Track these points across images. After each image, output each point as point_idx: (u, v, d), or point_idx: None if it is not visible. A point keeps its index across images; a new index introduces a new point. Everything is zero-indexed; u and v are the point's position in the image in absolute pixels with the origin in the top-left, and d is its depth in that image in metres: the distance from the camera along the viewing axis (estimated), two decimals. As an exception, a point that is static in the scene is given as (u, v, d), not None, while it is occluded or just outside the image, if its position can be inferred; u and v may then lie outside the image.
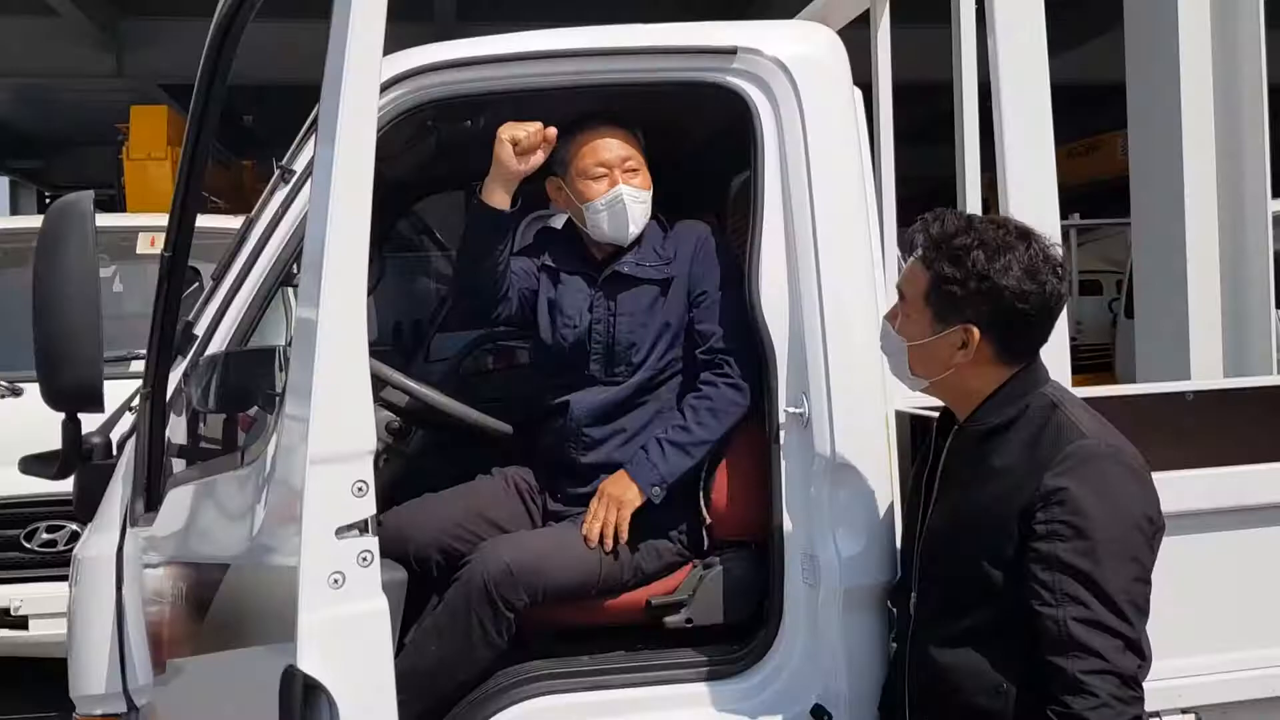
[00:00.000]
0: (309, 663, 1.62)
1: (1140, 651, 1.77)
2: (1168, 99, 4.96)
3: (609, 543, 2.36)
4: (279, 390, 1.84)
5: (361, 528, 1.63)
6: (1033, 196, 2.43)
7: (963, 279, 1.87)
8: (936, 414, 2.59)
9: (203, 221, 2.44)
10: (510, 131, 2.33)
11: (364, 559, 1.63)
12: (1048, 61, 2.46)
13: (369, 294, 3.85)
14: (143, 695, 2.28)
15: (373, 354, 1.80)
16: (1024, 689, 1.84)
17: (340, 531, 1.62)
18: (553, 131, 2.35)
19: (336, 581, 1.62)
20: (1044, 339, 1.96)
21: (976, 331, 1.89)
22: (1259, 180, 4.61)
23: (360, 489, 1.63)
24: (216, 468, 2.10)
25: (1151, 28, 5.18)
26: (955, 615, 1.90)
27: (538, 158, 2.37)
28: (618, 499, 2.38)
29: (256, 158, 12.59)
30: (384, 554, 2.36)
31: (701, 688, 2.24)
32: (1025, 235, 1.91)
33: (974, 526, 1.87)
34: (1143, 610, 1.79)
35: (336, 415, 1.64)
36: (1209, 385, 3.42)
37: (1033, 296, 1.87)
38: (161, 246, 2.25)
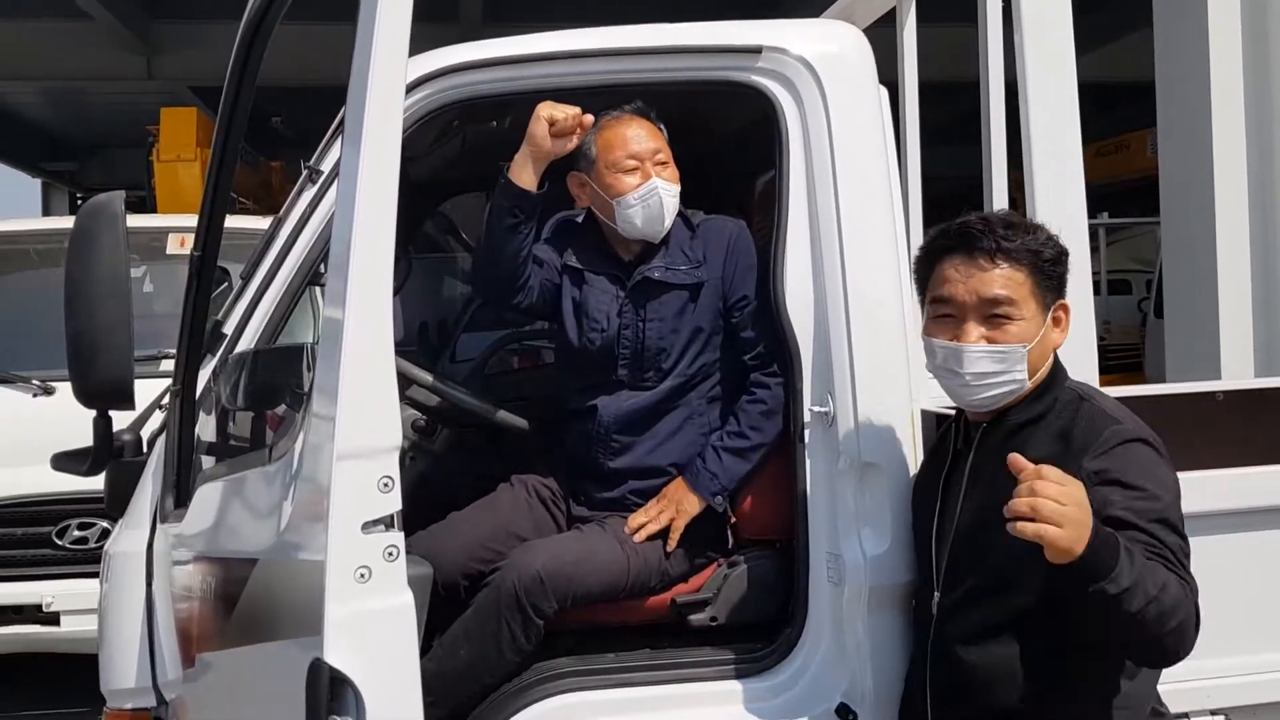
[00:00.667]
0: (336, 656, 1.63)
1: (1198, 608, 1.73)
2: (1197, 97, 4.92)
3: (641, 536, 2.36)
4: (306, 388, 1.86)
5: (388, 523, 1.64)
6: (1060, 196, 2.41)
7: (1058, 256, 1.95)
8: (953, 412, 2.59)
9: (231, 222, 2.47)
10: (549, 110, 2.28)
11: (390, 553, 1.65)
12: (1075, 60, 2.44)
13: (395, 294, 3.89)
14: (172, 690, 2.31)
15: (399, 354, 1.81)
16: (1057, 683, 1.82)
17: (366, 526, 1.63)
18: (589, 119, 2.32)
19: (363, 576, 1.63)
20: None
21: (1068, 305, 1.97)
22: (1291, 178, 4.56)
23: (386, 484, 1.64)
24: (245, 464, 2.12)
25: (1181, 25, 5.13)
26: (985, 612, 1.89)
27: (571, 142, 2.34)
28: (678, 504, 2.39)
29: (285, 159, 12.70)
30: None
31: (726, 686, 2.24)
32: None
33: (1004, 523, 1.83)
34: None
35: (362, 412, 1.65)
36: (1240, 385, 3.38)
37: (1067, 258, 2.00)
38: (191, 247, 2.27)
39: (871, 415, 2.21)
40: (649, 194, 2.42)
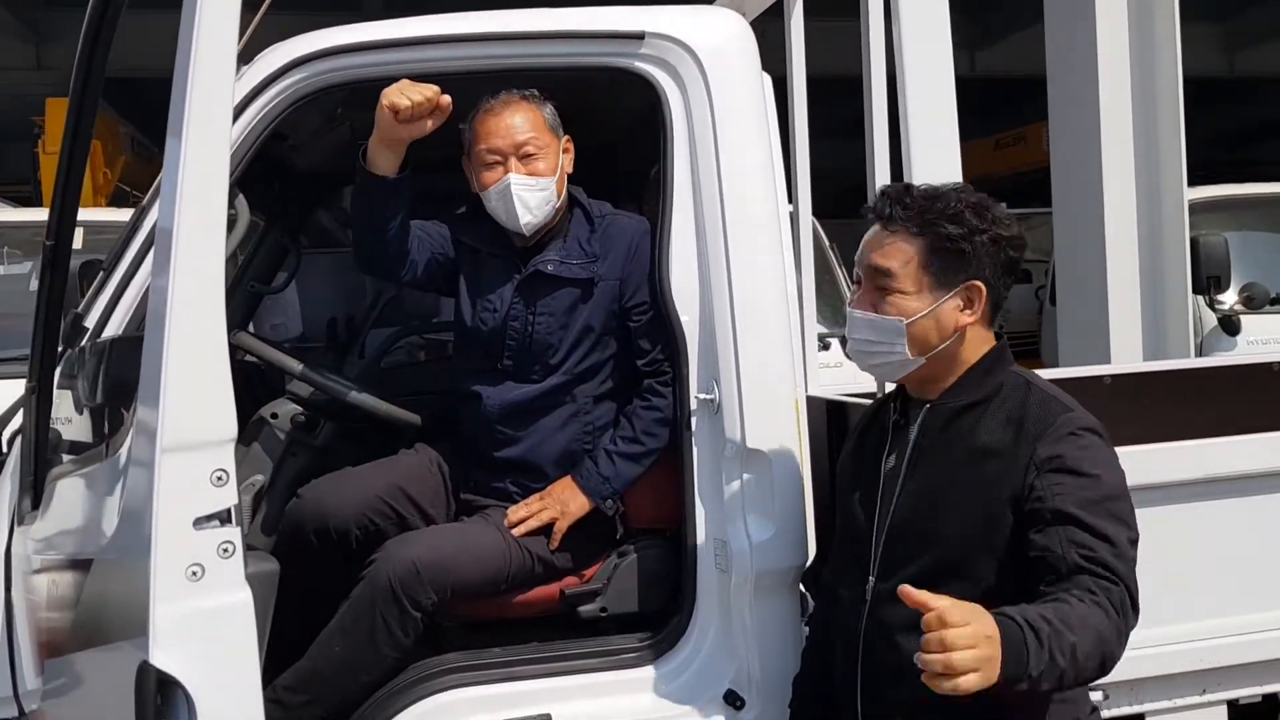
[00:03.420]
0: (163, 657, 1.57)
1: (1138, 608, 1.69)
2: (1086, 90, 5.04)
3: (520, 532, 2.33)
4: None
5: (223, 518, 1.59)
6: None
7: (968, 234, 1.86)
8: (853, 399, 2.60)
9: (123, 216, 2.37)
10: (391, 98, 2.17)
11: (225, 550, 1.59)
12: (952, 56, 2.46)
13: (285, 286, 3.78)
14: (32, 700, 2.21)
15: (303, 352, 1.76)
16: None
17: (199, 522, 1.57)
18: (446, 100, 2.21)
19: (195, 574, 1.57)
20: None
21: (983, 286, 1.88)
22: (1175, 169, 4.70)
23: (220, 478, 1.58)
24: (88, 461, 2.04)
25: (1070, 22, 5.26)
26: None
27: (424, 125, 2.23)
28: (563, 504, 2.36)
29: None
30: (302, 527, 2.34)
31: (614, 676, 2.23)
32: (985, 196, 1.95)
33: (955, 505, 1.81)
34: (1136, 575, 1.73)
35: (190, 403, 1.59)
36: (1126, 369, 3.47)
37: (1018, 242, 1.92)
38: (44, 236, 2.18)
39: (756, 402, 2.21)
40: (503, 191, 2.38)
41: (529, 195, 2.38)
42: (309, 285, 5.98)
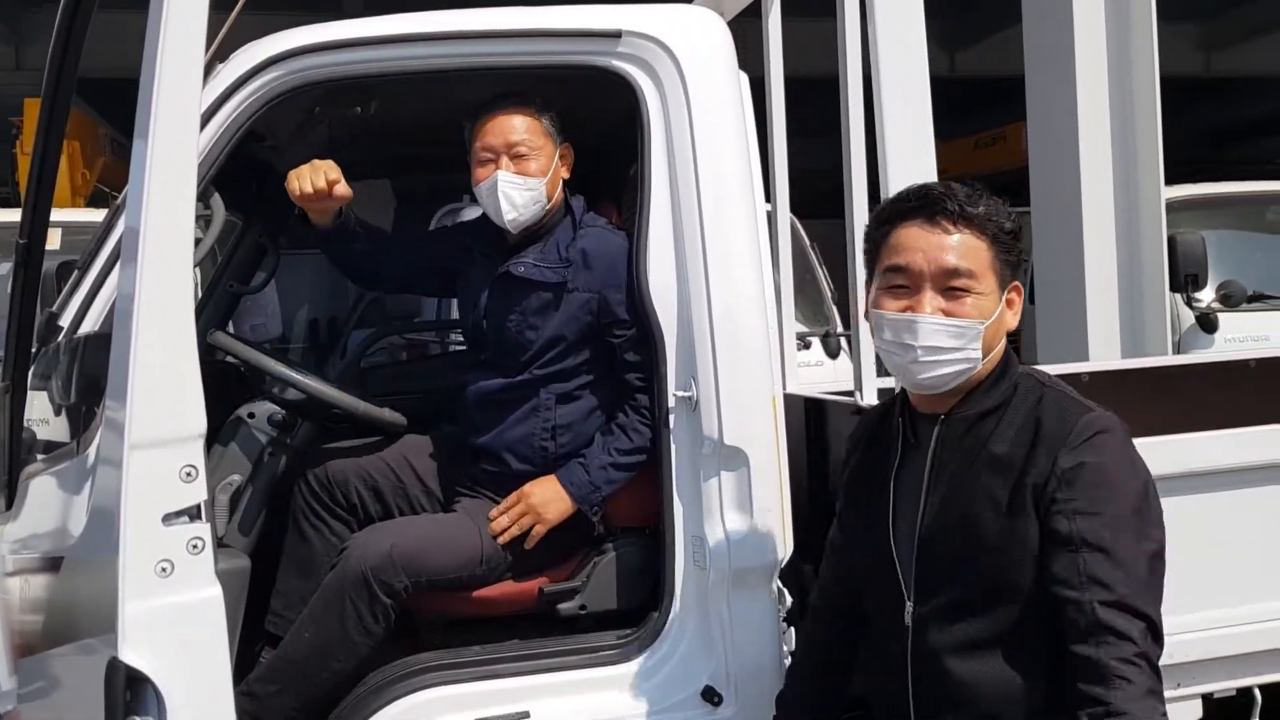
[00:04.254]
0: (132, 654, 1.57)
1: (1161, 635, 1.64)
2: (1064, 90, 5.07)
3: (504, 540, 2.35)
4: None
5: (193, 514, 1.58)
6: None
7: (1017, 231, 1.77)
8: (831, 397, 2.61)
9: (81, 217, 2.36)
10: (291, 184, 2.36)
11: (194, 546, 1.59)
12: (927, 55, 2.47)
13: (262, 287, 3.78)
14: (6, 701, 2.20)
15: (283, 353, 1.75)
16: (1054, 695, 1.66)
17: (168, 518, 1.57)
18: (341, 190, 2.36)
19: (164, 570, 1.57)
20: None
21: (1021, 287, 1.79)
22: (1152, 168, 4.73)
23: (189, 474, 1.58)
24: (59, 458, 2.03)
25: (1048, 22, 5.29)
26: (975, 623, 1.72)
27: (327, 204, 2.39)
28: (542, 508, 2.36)
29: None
30: (306, 480, 2.42)
31: (592, 674, 2.23)
32: None
33: (976, 522, 1.72)
34: (1161, 589, 1.67)
35: (158, 398, 1.59)
36: (1104, 366, 3.49)
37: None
38: (18, 235, 2.16)
39: (734, 400, 2.22)
40: (491, 187, 2.43)
41: (515, 193, 2.43)
42: (290, 287, 5.96)
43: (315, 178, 2.34)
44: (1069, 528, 1.64)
